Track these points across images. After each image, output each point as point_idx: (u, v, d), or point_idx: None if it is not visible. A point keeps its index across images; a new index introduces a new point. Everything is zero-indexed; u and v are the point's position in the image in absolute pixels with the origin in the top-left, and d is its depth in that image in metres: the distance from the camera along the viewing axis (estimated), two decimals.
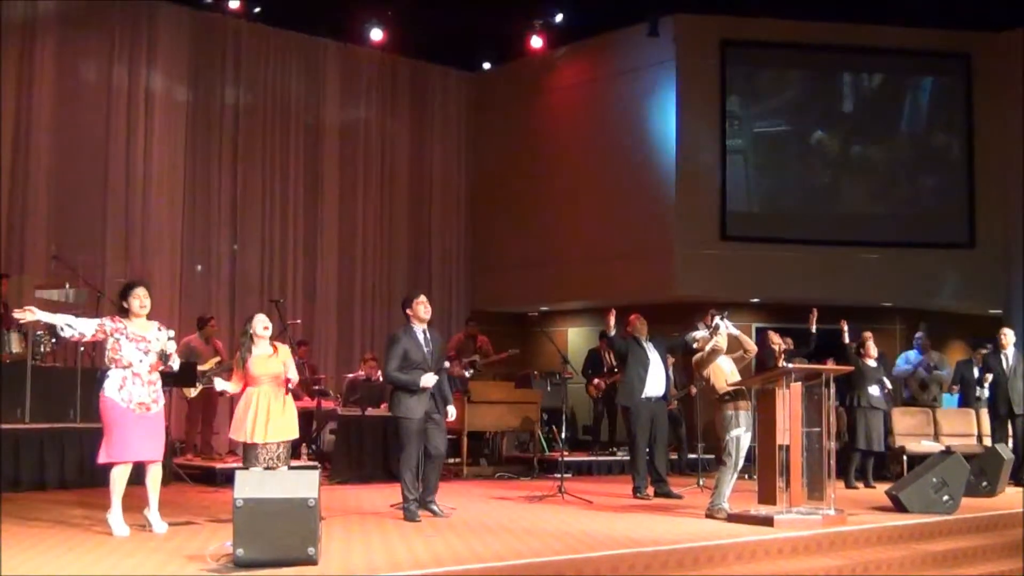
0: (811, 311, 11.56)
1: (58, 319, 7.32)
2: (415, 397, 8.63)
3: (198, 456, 12.36)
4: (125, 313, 7.50)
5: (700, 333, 9.43)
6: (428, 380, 8.61)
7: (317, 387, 13.25)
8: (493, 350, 14.37)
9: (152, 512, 7.55)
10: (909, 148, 16.32)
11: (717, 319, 9.20)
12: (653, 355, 10.91)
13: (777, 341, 12.15)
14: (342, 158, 16.94)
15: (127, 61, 14.59)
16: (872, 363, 12.23)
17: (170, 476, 10.33)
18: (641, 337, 10.96)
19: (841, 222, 15.93)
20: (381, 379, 13.36)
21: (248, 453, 7.96)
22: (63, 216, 13.83)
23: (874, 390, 12.06)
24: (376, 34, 16.10)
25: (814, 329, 11.56)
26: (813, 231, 15.72)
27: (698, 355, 9.22)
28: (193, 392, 12.15)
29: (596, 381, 14.41)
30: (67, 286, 12.03)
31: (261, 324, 8.16)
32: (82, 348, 11.83)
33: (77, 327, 7.33)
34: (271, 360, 8.10)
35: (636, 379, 10.82)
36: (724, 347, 9.07)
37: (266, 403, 7.97)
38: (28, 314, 7.17)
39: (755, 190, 16.05)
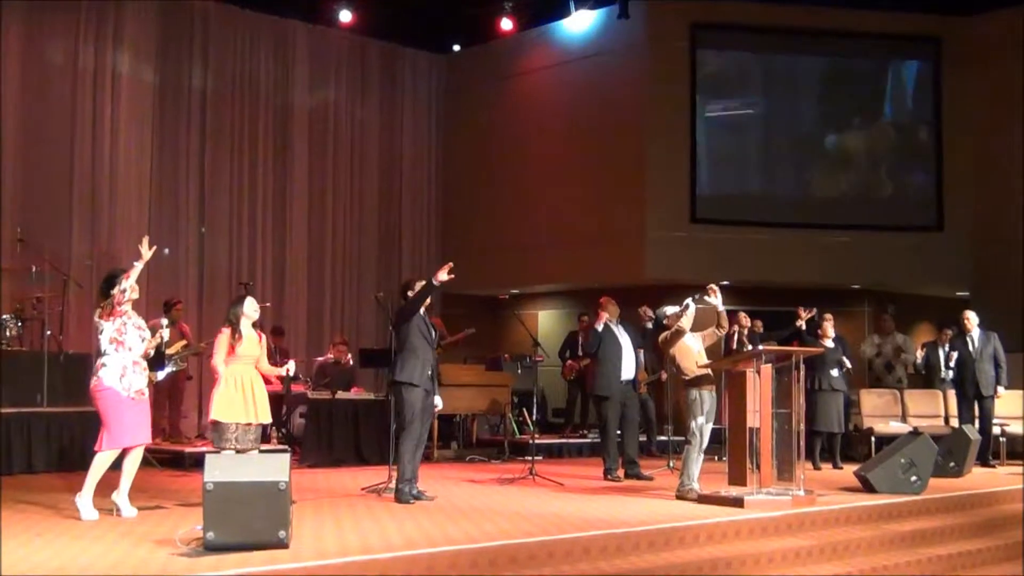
0: (805, 310, 11.66)
1: (134, 277, 7.50)
2: (420, 362, 8.57)
3: (166, 440, 12.27)
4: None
5: (671, 309, 9.36)
6: (441, 274, 8.64)
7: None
8: (447, 332, 14.16)
9: (121, 496, 7.50)
10: (879, 131, 16.39)
11: (688, 299, 9.19)
12: (624, 339, 10.87)
13: (744, 323, 12.19)
14: (311, 141, 16.83)
15: (93, 42, 14.40)
16: (830, 344, 12.19)
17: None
18: (612, 321, 10.95)
19: (811, 205, 16.01)
20: (350, 362, 13.39)
21: (224, 433, 7.85)
22: (28, 199, 13.66)
23: (834, 371, 12.09)
24: (345, 16, 16.03)
25: (799, 323, 11.65)
26: (783, 214, 15.78)
27: (664, 334, 9.21)
28: (160, 376, 12.08)
29: (569, 363, 14.39)
30: (33, 269, 11.93)
31: (253, 306, 8.19)
32: (48, 332, 11.75)
33: (129, 292, 7.44)
34: (258, 344, 8.14)
35: (611, 366, 10.77)
36: (687, 329, 9.07)
37: (250, 384, 7.98)
38: (145, 249, 7.54)
39: (725, 173, 16.09)
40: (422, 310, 8.79)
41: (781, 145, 16.25)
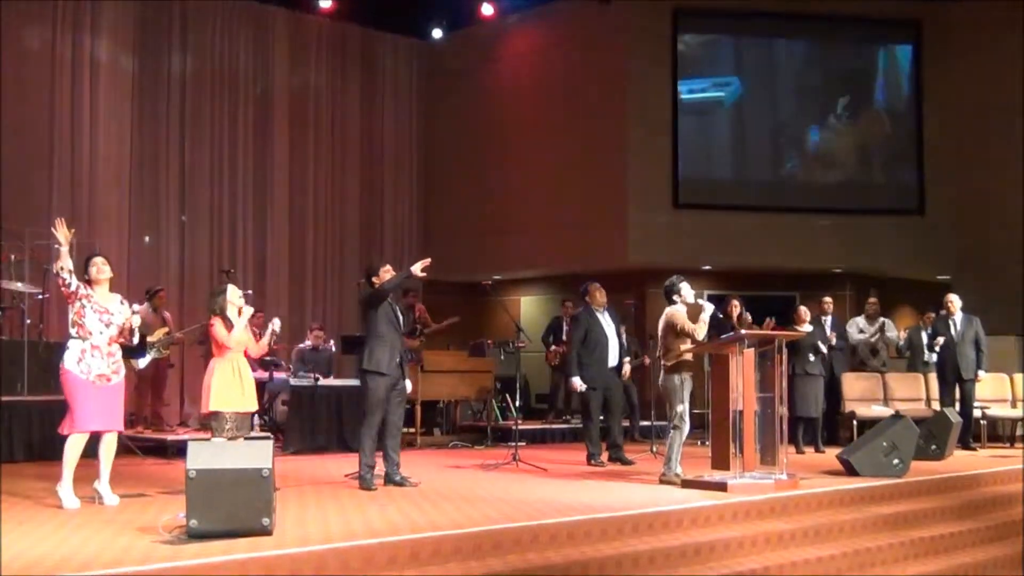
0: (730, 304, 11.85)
1: (67, 260, 7.33)
2: (387, 350, 8.52)
3: (148, 428, 12.23)
4: (87, 284, 7.47)
5: (688, 293, 9.17)
6: (417, 267, 8.51)
7: (269, 357, 13.14)
8: (431, 319, 14.12)
9: (103, 484, 7.47)
10: (862, 116, 16.41)
11: (712, 307, 9.09)
12: (609, 327, 10.80)
13: (736, 310, 12.21)
14: (292, 127, 16.78)
15: (71, 29, 14.34)
16: (807, 328, 12.18)
17: (121, 449, 10.21)
18: (598, 309, 10.86)
19: (793, 189, 16.04)
20: (332, 348, 13.37)
21: (223, 423, 7.85)
22: (7, 187, 13.56)
23: (810, 356, 12.09)
24: (325, 1, 15.94)
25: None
26: (765, 198, 15.82)
27: (684, 325, 8.97)
28: (141, 363, 12.03)
29: (554, 348, 14.38)
30: (12, 258, 11.84)
31: (237, 293, 8.16)
32: (28, 321, 11.68)
33: (69, 276, 7.32)
34: (245, 331, 8.14)
35: (598, 354, 10.71)
36: (701, 337, 8.98)
37: (245, 371, 8.01)
38: (62, 233, 7.26)
39: (707, 157, 16.10)
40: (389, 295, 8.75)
41: (763, 129, 16.27)
